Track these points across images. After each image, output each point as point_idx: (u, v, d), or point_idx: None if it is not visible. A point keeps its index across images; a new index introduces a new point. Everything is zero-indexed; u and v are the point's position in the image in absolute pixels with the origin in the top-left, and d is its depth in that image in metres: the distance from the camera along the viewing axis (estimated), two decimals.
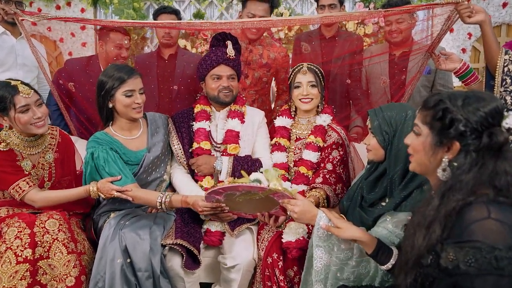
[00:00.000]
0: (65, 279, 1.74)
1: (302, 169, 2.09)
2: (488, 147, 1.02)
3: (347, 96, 2.87)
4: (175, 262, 1.87)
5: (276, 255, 1.86)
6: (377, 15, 2.48)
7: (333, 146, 2.10)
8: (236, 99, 2.21)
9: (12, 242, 1.70)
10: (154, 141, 2.09)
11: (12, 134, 1.91)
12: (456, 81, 2.50)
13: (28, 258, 1.70)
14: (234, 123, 2.16)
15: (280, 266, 1.84)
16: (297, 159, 2.16)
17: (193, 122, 2.18)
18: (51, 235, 1.78)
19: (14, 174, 1.87)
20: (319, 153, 2.11)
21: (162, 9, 2.93)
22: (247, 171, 2.03)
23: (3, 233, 1.74)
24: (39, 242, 1.75)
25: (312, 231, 1.50)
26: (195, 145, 2.12)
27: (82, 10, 3.92)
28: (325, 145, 2.12)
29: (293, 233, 1.84)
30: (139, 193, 1.89)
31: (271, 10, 2.65)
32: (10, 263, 1.67)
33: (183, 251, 1.86)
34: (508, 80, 1.87)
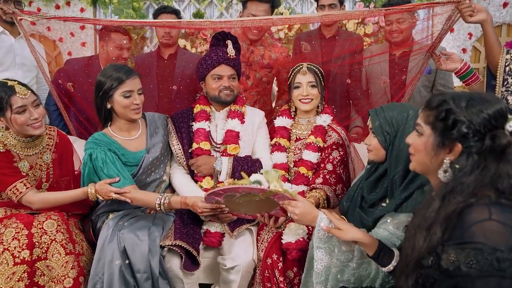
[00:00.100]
0: (63, 281, 1.73)
1: (302, 170, 2.08)
2: (491, 150, 1.01)
3: (347, 96, 2.86)
4: (174, 263, 1.87)
5: (276, 256, 1.85)
6: (378, 14, 2.47)
7: (333, 147, 2.08)
8: (236, 99, 2.20)
9: (10, 243, 1.69)
10: (153, 142, 2.07)
11: (9, 135, 1.89)
12: (457, 81, 2.49)
13: (26, 259, 1.69)
14: (234, 123, 2.15)
15: (280, 267, 1.83)
16: (297, 160, 2.15)
17: (193, 122, 2.17)
18: (49, 236, 1.77)
19: (11, 176, 1.85)
20: (319, 154, 2.10)
21: (162, 9, 2.92)
22: (247, 172, 2.02)
23: (1, 234, 1.73)
24: (37, 243, 1.74)
25: (313, 233, 1.48)
26: (195, 146, 2.11)
27: (82, 10, 3.91)
28: (325, 146, 2.11)
29: (293, 234, 1.83)
30: (138, 195, 1.87)
31: (272, 11, 2.63)
32: (8, 265, 1.67)
33: (182, 252, 1.85)
34: (510, 80, 1.86)
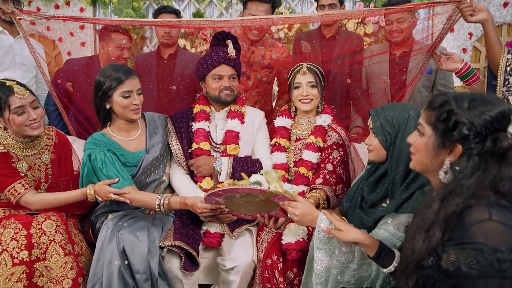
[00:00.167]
0: (62, 281, 1.73)
1: (302, 170, 2.07)
2: (492, 152, 1.01)
3: (347, 96, 2.85)
4: (174, 264, 1.86)
5: (276, 257, 1.84)
6: (378, 13, 2.46)
7: (334, 147, 2.08)
8: (236, 99, 2.19)
9: (8, 244, 1.69)
10: (153, 142, 2.07)
11: (7, 136, 1.88)
12: (457, 81, 2.48)
13: (24, 260, 1.68)
14: (234, 124, 2.14)
15: (280, 268, 1.83)
16: (297, 160, 2.14)
17: (192, 123, 2.16)
18: (48, 237, 1.76)
19: (10, 176, 1.84)
20: (319, 154, 2.09)
21: (163, 9, 2.92)
22: (247, 172, 2.01)
23: None
24: (36, 244, 1.73)
25: (313, 234, 1.48)
26: (194, 146, 2.10)
27: (81, 10, 3.90)
28: (325, 146, 2.10)
29: (293, 235, 1.82)
30: (137, 196, 1.87)
31: (272, 11, 2.62)
32: (6, 265, 1.66)
33: (182, 253, 1.85)
34: (511, 80, 1.85)
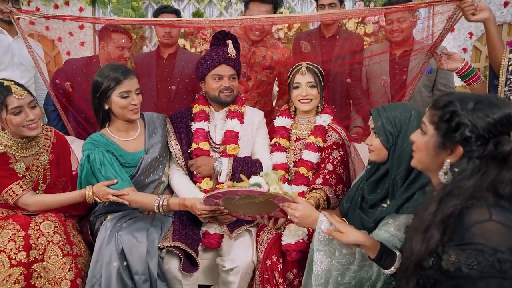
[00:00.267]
0: (60, 282, 1.72)
1: (302, 170, 2.06)
2: (493, 156, 0.99)
3: (347, 96, 2.85)
4: (173, 265, 1.85)
5: (276, 258, 1.83)
6: (379, 13, 2.46)
7: (334, 147, 2.07)
8: (236, 99, 2.18)
9: (6, 245, 1.68)
10: (152, 142, 2.06)
11: (5, 136, 1.87)
12: (458, 81, 2.47)
13: (22, 261, 1.67)
14: (233, 124, 2.13)
15: (280, 269, 1.82)
16: (297, 160, 2.13)
17: (192, 123, 2.15)
18: (46, 238, 1.75)
19: (7, 178, 1.83)
20: (319, 154, 2.08)
21: (163, 8, 2.92)
22: (247, 172, 2.01)
23: None
24: (34, 245, 1.72)
25: (313, 235, 1.46)
26: (194, 146, 2.09)
27: (81, 9, 3.89)
28: (325, 146, 2.09)
29: (293, 235, 1.82)
30: (136, 197, 1.86)
31: (274, 12, 2.59)
32: (4, 267, 1.65)
33: (181, 254, 1.84)
34: None
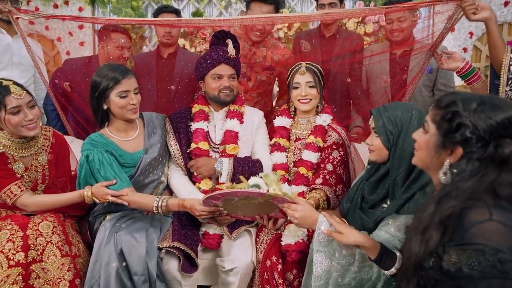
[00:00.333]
0: (59, 283, 1.71)
1: (302, 170, 2.05)
2: (492, 158, 0.99)
3: (347, 96, 2.84)
4: (172, 266, 1.84)
5: (275, 258, 1.83)
6: (379, 12, 2.45)
7: (334, 147, 2.06)
8: (235, 99, 2.17)
9: (4, 246, 1.67)
10: (151, 142, 2.05)
11: (4, 136, 1.86)
12: (458, 81, 2.46)
13: (21, 262, 1.66)
14: (233, 123, 2.12)
15: (279, 269, 1.81)
16: (297, 160, 2.12)
17: (191, 123, 2.14)
18: (45, 238, 1.74)
19: (5, 178, 1.82)
20: (319, 154, 2.07)
21: (163, 8, 2.92)
22: (248, 172, 2.01)
23: None
24: (32, 245, 1.71)
25: (313, 235, 1.45)
26: (193, 146, 2.08)
27: (80, 9, 3.88)
28: (325, 146, 2.08)
29: (293, 236, 1.81)
30: (135, 198, 1.85)
31: (276, 12, 2.58)
32: (2, 267, 1.64)
33: (180, 254, 1.83)
34: None
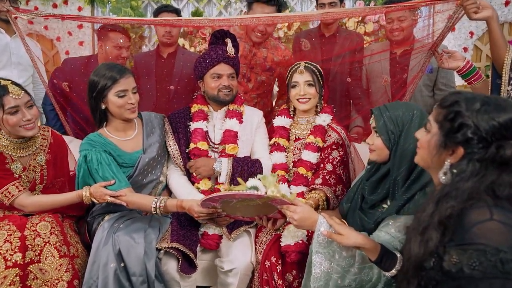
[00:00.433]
0: (57, 284, 1.70)
1: (301, 170, 2.04)
2: (493, 159, 0.98)
3: (347, 95, 2.83)
4: (171, 266, 1.83)
5: (275, 259, 1.82)
6: (379, 11, 2.43)
7: (333, 146, 2.05)
8: (235, 99, 2.16)
9: (1, 246, 1.66)
10: (150, 142, 2.04)
11: (2, 136, 1.85)
12: (459, 80, 2.45)
13: (18, 263, 1.65)
14: (232, 123, 2.11)
15: (279, 270, 1.80)
16: (296, 160, 2.11)
17: (190, 122, 2.13)
18: (43, 238, 1.73)
19: (3, 178, 1.81)
20: (319, 154, 2.06)
21: (163, 8, 2.92)
22: (247, 172, 2.00)
23: None
24: (30, 246, 1.70)
25: (313, 236, 1.44)
26: (192, 146, 2.07)
27: (79, 9, 3.87)
28: (325, 145, 2.07)
29: (292, 237, 1.80)
30: (134, 198, 1.84)
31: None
32: None
33: (179, 255, 1.82)
34: None
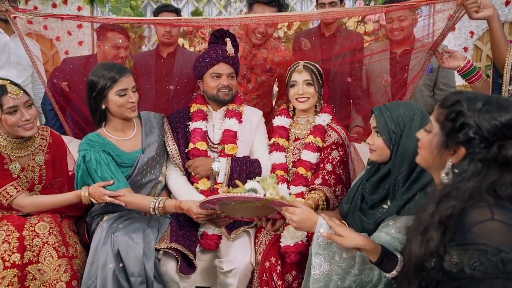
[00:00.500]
0: (56, 284, 1.69)
1: (301, 170, 2.03)
2: (495, 159, 0.97)
3: (347, 95, 2.82)
4: (170, 267, 1.83)
5: (274, 259, 1.81)
6: (379, 11, 2.42)
7: (333, 146, 2.04)
8: (234, 98, 2.16)
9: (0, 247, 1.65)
10: (149, 142, 2.03)
11: (0, 136, 1.83)
12: (459, 80, 2.44)
13: (16, 263, 1.64)
14: (232, 123, 2.11)
15: (278, 271, 1.79)
16: (296, 160, 2.10)
17: (189, 122, 2.13)
18: (41, 239, 1.72)
19: (1, 178, 1.80)
20: (318, 154, 2.05)
21: (163, 7, 2.91)
22: (246, 172, 1.99)
23: None
24: (28, 246, 1.70)
25: (312, 237, 1.43)
26: (191, 146, 2.07)
27: (79, 8, 3.87)
28: (325, 145, 2.06)
29: (292, 237, 1.79)
30: (132, 198, 1.83)
31: None
32: None
33: (178, 255, 1.81)
34: None
